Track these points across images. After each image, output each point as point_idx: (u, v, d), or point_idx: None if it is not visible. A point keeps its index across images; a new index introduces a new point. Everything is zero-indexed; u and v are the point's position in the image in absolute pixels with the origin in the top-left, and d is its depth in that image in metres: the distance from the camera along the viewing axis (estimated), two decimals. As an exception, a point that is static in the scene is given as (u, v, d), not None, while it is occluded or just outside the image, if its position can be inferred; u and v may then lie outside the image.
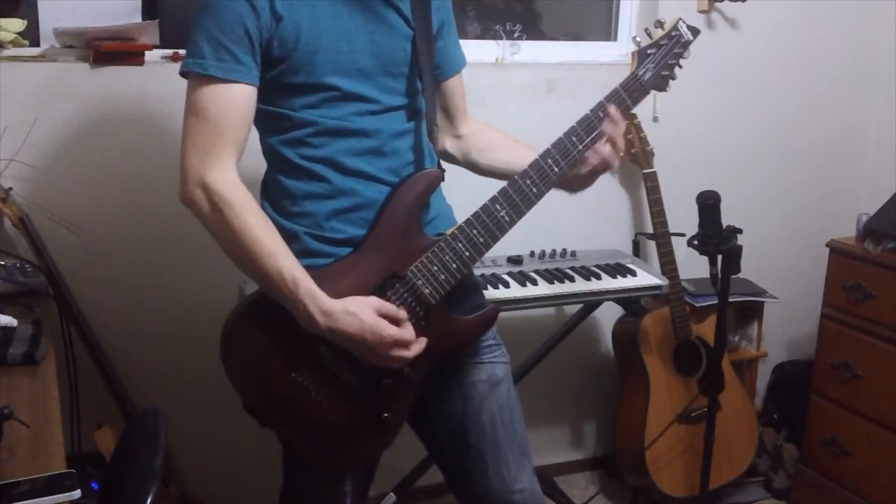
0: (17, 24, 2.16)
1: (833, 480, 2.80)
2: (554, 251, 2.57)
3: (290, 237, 1.52)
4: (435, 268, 1.51)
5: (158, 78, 2.28)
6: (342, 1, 1.49)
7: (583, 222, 2.80)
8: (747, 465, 2.86)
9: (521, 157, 1.62)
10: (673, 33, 1.67)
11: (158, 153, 2.31)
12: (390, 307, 1.46)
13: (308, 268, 1.47)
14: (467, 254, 1.53)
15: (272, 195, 1.58)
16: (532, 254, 2.55)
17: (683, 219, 2.51)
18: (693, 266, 2.63)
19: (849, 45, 3.09)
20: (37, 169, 2.17)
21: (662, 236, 2.65)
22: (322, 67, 1.47)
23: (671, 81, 1.69)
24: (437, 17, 1.63)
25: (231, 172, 1.43)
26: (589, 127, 1.58)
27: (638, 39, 1.69)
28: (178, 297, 2.41)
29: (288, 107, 1.50)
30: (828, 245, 2.76)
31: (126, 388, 2.20)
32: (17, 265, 2.03)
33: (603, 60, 2.86)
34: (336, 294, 1.44)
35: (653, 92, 2.93)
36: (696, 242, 2.29)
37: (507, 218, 1.54)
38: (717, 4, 2.82)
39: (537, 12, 2.88)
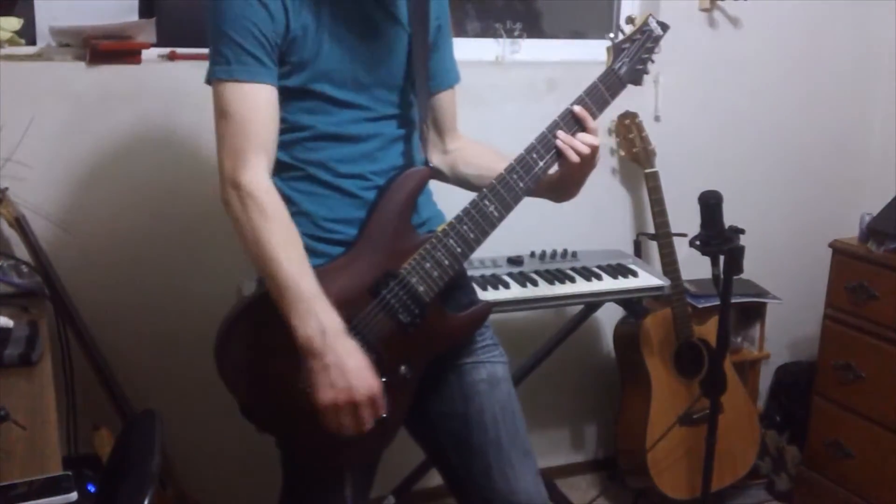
0: (13, 23, 2.15)
1: (835, 482, 2.79)
2: (554, 252, 2.56)
3: None
4: (428, 265, 1.52)
5: (156, 77, 2.27)
6: (344, 11, 1.50)
7: (583, 222, 2.79)
8: (749, 467, 2.85)
9: (507, 164, 1.61)
10: (644, 28, 1.71)
11: (156, 152, 2.30)
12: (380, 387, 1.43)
13: None
14: (459, 250, 1.54)
15: None
16: (532, 254, 2.54)
17: (685, 219, 2.49)
18: (695, 267, 2.62)
19: (851, 44, 3.08)
20: (33, 169, 2.16)
21: (664, 236, 2.64)
22: (320, 76, 1.50)
23: (645, 76, 1.73)
24: (435, 18, 1.63)
25: (262, 175, 1.44)
26: (567, 121, 1.61)
27: (611, 35, 1.73)
28: (176, 298, 2.39)
29: (285, 110, 1.51)
30: (830, 245, 2.75)
31: (123, 390, 2.19)
32: (13, 266, 2.03)
33: (604, 59, 2.84)
34: (333, 293, 1.44)
35: (655, 91, 2.93)
36: (697, 243, 2.28)
37: (496, 213, 1.55)
38: (719, 3, 2.81)
39: (538, 10, 2.87)
